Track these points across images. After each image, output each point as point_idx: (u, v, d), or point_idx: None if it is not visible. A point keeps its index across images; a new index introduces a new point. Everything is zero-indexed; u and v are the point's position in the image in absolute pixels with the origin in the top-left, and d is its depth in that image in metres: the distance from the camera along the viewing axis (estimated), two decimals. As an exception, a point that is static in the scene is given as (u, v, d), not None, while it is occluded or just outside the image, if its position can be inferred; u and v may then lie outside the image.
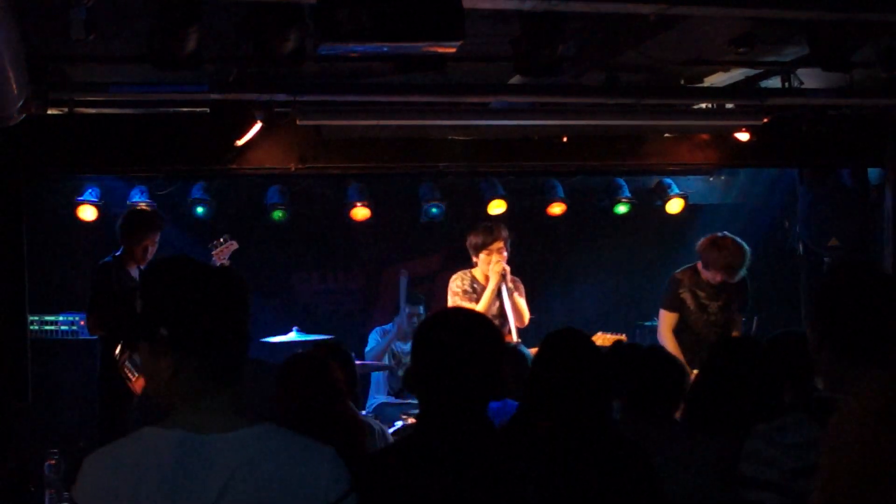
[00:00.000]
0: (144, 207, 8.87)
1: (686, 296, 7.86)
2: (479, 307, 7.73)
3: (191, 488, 2.19)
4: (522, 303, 7.99)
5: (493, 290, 7.84)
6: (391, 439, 5.19)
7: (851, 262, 2.90)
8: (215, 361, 2.32)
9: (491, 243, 7.91)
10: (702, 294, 7.85)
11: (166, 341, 2.31)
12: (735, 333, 7.78)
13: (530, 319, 8.11)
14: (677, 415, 4.47)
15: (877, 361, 2.82)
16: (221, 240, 8.68)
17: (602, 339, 8.70)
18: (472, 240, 8.06)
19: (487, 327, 3.14)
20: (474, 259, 8.04)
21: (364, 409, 8.84)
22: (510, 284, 7.90)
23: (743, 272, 7.77)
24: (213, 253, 8.55)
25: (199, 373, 2.31)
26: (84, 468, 2.32)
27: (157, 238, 7.65)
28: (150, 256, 7.54)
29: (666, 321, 7.93)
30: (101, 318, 7.29)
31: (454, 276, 8.10)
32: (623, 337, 8.83)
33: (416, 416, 3.09)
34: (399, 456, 3.03)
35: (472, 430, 2.98)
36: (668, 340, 7.84)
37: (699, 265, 7.87)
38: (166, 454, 2.22)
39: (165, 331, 2.30)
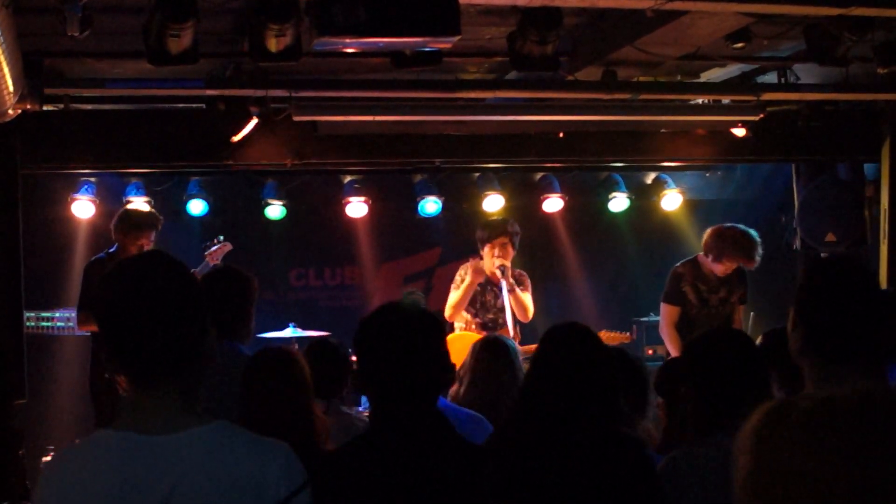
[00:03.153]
0: (141, 205, 8.85)
1: (687, 289, 7.84)
2: (453, 299, 7.87)
3: (138, 491, 2.16)
4: (527, 297, 7.97)
5: (471, 284, 7.87)
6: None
7: (830, 259, 2.81)
8: (145, 360, 2.25)
9: (494, 238, 7.90)
10: (703, 287, 7.83)
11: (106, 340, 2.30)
12: (736, 325, 7.77)
13: (528, 317, 8.11)
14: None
15: (858, 362, 2.80)
16: (215, 241, 8.65)
17: (606, 337, 8.70)
18: (478, 233, 8.07)
19: (427, 318, 3.12)
20: (481, 252, 8.05)
21: (360, 405, 8.84)
22: (511, 280, 7.91)
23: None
24: (206, 254, 8.51)
25: (129, 370, 2.27)
26: (42, 473, 2.30)
27: (153, 237, 7.62)
28: None
29: (668, 315, 7.89)
30: (92, 315, 7.27)
31: (464, 265, 8.15)
32: (627, 336, 8.83)
33: (368, 415, 3.07)
34: (354, 453, 3.01)
35: (424, 423, 2.97)
36: (669, 335, 7.83)
37: (700, 257, 7.85)
38: (115, 456, 2.20)
39: (101, 331, 2.29)
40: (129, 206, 8.34)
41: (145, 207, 8.73)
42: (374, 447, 2.97)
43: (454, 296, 7.95)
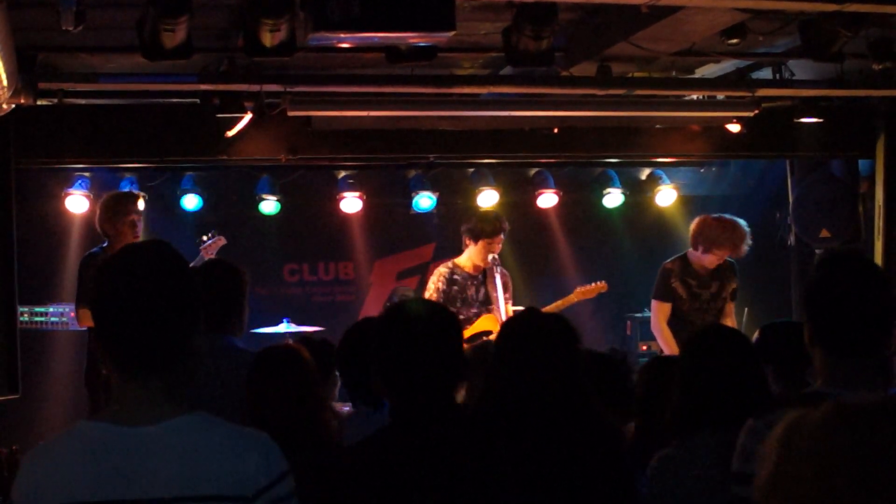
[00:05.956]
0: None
1: (677, 284, 7.83)
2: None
3: (116, 482, 2.16)
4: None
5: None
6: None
7: (838, 254, 2.78)
8: (132, 351, 2.25)
9: (495, 235, 7.84)
10: (693, 283, 7.83)
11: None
12: (728, 321, 7.77)
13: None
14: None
15: (866, 356, 2.81)
16: (209, 235, 8.63)
17: (582, 291, 8.71)
18: (475, 226, 7.93)
19: (441, 313, 3.13)
20: (469, 243, 7.92)
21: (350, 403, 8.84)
22: (504, 269, 7.92)
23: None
24: (201, 249, 8.50)
25: (116, 360, 2.27)
26: (22, 465, 2.30)
27: (140, 211, 7.49)
28: (139, 232, 7.42)
29: (659, 312, 7.87)
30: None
31: (435, 271, 8.06)
32: (603, 285, 8.77)
33: (389, 413, 3.06)
34: (377, 448, 3.01)
35: (444, 417, 2.97)
36: (662, 331, 7.81)
37: (689, 253, 7.84)
38: (95, 447, 2.20)
39: (93, 318, 2.29)
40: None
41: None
42: (397, 441, 2.98)
43: None
